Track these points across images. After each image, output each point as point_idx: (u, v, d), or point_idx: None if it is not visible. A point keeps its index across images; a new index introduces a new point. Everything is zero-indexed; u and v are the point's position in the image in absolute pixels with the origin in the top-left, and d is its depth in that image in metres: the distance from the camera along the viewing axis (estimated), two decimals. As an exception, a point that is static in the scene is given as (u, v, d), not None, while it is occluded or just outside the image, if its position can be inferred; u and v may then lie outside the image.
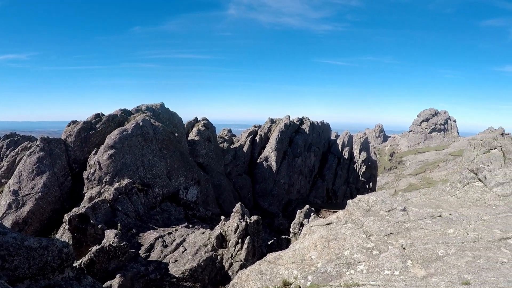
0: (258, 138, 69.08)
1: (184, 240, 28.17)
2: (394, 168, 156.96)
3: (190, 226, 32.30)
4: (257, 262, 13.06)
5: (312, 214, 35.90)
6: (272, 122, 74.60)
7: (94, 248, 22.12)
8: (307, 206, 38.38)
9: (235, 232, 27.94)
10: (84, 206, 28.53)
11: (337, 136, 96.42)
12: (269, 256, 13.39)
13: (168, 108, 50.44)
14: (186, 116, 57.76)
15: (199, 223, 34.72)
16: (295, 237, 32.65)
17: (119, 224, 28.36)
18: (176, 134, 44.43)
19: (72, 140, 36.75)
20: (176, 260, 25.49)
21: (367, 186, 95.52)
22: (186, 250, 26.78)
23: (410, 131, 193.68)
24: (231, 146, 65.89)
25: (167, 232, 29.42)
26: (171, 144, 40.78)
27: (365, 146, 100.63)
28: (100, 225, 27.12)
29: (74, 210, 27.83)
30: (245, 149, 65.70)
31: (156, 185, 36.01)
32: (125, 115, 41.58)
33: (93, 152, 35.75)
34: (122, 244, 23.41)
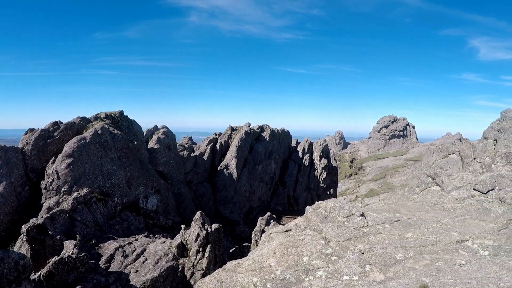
0: (218, 145, 68.98)
1: (144, 250, 27.93)
2: (354, 174, 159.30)
3: (151, 235, 32.01)
4: (216, 271, 13.06)
5: (272, 221, 36.09)
6: (233, 129, 74.67)
7: (53, 259, 21.64)
8: (268, 213, 38.56)
9: (196, 241, 27.90)
10: (42, 217, 27.87)
11: (297, 143, 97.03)
12: (228, 264, 13.41)
13: (127, 116, 49.87)
14: (146, 124, 57.31)
15: (159, 232, 34.45)
16: (256, 244, 32.73)
17: (78, 235, 27.85)
18: (135, 142, 43.97)
19: (30, 148, 35.86)
20: (137, 271, 25.24)
21: (328, 193, 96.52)
22: (147, 260, 26.56)
23: (370, 138, 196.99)
24: (192, 154, 65.58)
25: (127, 242, 29.05)
26: (131, 153, 40.34)
27: (325, 152, 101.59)
28: (59, 236, 26.55)
29: (32, 220, 27.18)
30: (205, 157, 65.51)
31: (116, 194, 35.54)
32: (83, 123, 40.87)
33: (51, 161, 34.98)
34: (82, 255, 23.01)
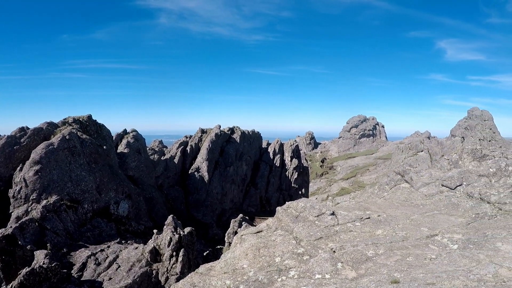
0: (189, 148, 68.67)
1: (117, 256, 27.57)
2: (325, 174, 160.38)
3: (123, 241, 31.63)
4: (189, 275, 12.94)
5: (244, 222, 36.11)
6: (203, 132, 74.43)
7: (24, 270, 21.18)
8: (241, 215, 38.57)
9: (168, 245, 27.70)
10: (11, 227, 27.20)
11: (268, 144, 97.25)
12: (201, 268, 13.30)
13: (96, 120, 49.04)
14: (115, 128, 56.46)
15: (132, 238, 34.07)
16: (229, 246, 32.64)
17: (48, 244, 27.32)
18: (104, 147, 43.31)
19: (-4, 156, 35.08)
20: (110, 278, 24.91)
21: (300, 192, 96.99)
22: (120, 267, 26.23)
23: (340, 137, 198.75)
24: (162, 158, 65.05)
25: (99, 249, 28.62)
26: (100, 158, 39.77)
27: (296, 153, 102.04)
28: (29, 246, 25.94)
29: (0, 231, 26.60)
30: (176, 160, 65.13)
31: (86, 200, 34.96)
32: (51, 128, 40.04)
33: (18, 168, 34.20)
34: (53, 264, 22.57)
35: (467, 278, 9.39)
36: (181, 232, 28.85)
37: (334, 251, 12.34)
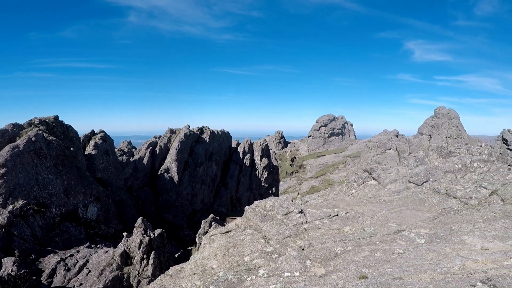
0: (158, 149, 68.07)
1: (87, 261, 27.12)
2: (295, 172, 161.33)
3: (93, 245, 31.11)
4: (159, 277, 12.87)
5: (213, 223, 36.07)
6: (172, 132, 73.90)
7: (-10, 278, 20.78)
8: (212, 215, 38.49)
9: (139, 248, 27.42)
10: (-24, 234, 26.67)
11: (238, 144, 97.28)
12: (171, 270, 13.23)
13: (63, 121, 48.03)
14: (82, 129, 55.41)
15: (101, 241, 33.56)
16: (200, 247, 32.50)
17: (16, 251, 26.64)
18: (72, 149, 42.54)
19: (-42, 160, 34.11)
20: (81, 284, 24.50)
21: (270, 191, 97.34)
22: (90, 272, 25.81)
23: (309, 136, 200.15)
24: (131, 159, 64.37)
25: (68, 254, 28.06)
26: (67, 160, 39.06)
27: (266, 152, 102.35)
28: (-5, 252, 25.47)
29: (-36, 238, 25.97)
30: (145, 161, 64.51)
31: (53, 204, 34.24)
32: (16, 129, 39.05)
33: (-18, 173, 33.42)
34: (22, 272, 22.06)
35: (434, 271, 9.60)
36: (151, 234, 28.60)
37: (303, 249, 12.47)
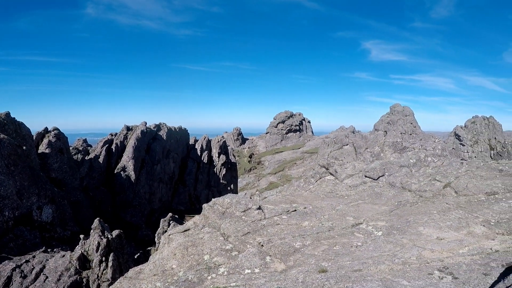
0: (114, 147, 66.74)
1: (44, 267, 26.25)
2: (254, 169, 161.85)
3: (49, 250, 30.17)
4: (118, 280, 12.67)
5: (172, 221, 35.79)
6: (128, 129, 72.68)
7: None
8: (170, 214, 38.19)
9: (97, 251, 26.83)
10: None
11: (195, 141, 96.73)
12: (130, 272, 13.04)
13: (14, 118, 46.36)
14: (35, 127, 53.54)
15: (58, 245, 32.59)
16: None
17: (-33, 258, 25.77)
18: (24, 148, 41.19)
19: None
20: (38, 290, 23.86)
21: (229, 188, 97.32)
22: (48, 278, 24.99)
23: (267, 133, 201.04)
24: (86, 158, 62.94)
25: (24, 260, 27.03)
26: (19, 159, 37.74)
27: (224, 149, 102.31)
28: None
29: None
30: (101, 159, 63.15)
31: (6, 207, 32.99)
32: (-36, 129, 37.71)
33: None
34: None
35: (393, 262, 9.82)
36: (109, 236, 28.06)
37: (262, 245, 12.54)
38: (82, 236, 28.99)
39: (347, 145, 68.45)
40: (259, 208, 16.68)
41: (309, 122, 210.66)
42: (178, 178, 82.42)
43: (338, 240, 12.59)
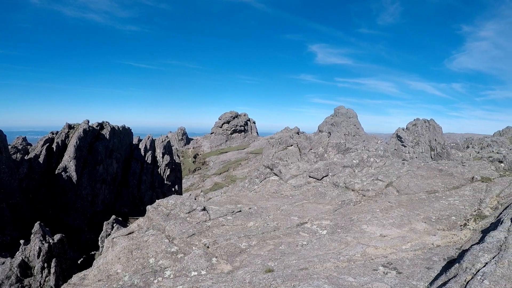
0: (55, 146, 64.13)
1: (-18, 275, 25.27)
2: (198, 169, 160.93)
3: (-13, 256, 29.09)
4: (62, 287, 12.39)
5: (115, 224, 35.19)
6: (70, 127, 70.21)
7: None
8: (114, 217, 37.50)
9: (38, 257, 25.95)
10: None
11: (139, 140, 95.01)
12: (74, 278, 12.73)
13: None
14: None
15: (-4, 251, 31.47)
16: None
17: None
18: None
19: None
20: (-23, 301, 22.86)
21: (173, 189, 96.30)
22: (-13, 287, 24.08)
23: (212, 133, 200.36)
24: (26, 157, 60.51)
25: (-39, 269, 26.02)
26: (-46, 162, 36.17)
27: (168, 149, 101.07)
28: None
29: None
30: (41, 159, 60.71)
31: None
32: None
33: None
34: None
35: (338, 260, 10.13)
36: (50, 240, 27.23)
37: (208, 247, 12.61)
38: (22, 241, 27.95)
39: (291, 145, 69.39)
40: (204, 209, 16.71)
41: (254, 122, 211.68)
42: (121, 179, 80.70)
43: (284, 240, 12.81)
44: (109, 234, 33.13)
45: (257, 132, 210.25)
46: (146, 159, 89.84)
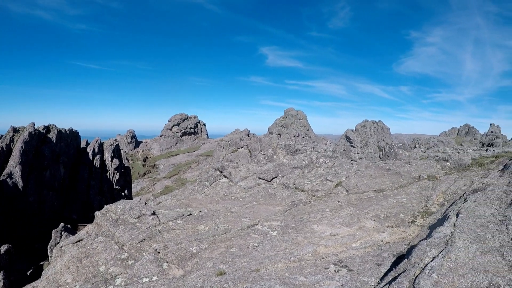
0: (-1, 150, 62.23)
1: None
2: (148, 173, 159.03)
3: None
4: (10, 301, 12.11)
5: (64, 232, 34.36)
6: (15, 131, 67.67)
7: None
8: (62, 224, 36.57)
9: (-16, 268, 25.13)
10: None
11: (87, 144, 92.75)
12: (22, 291, 12.53)
13: None
14: None
15: None
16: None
17: None
18: None
19: None
20: None
21: (123, 194, 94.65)
22: None
23: (162, 136, 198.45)
24: (-32, 164, 58.28)
25: None
26: None
27: (117, 153, 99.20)
28: None
29: None
30: (-16, 166, 58.73)
31: None
32: None
33: None
34: None
35: (289, 260, 10.33)
36: (-4, 251, 26.37)
37: (159, 252, 12.58)
38: (-35, 253, 26.91)
39: (242, 147, 69.58)
40: (154, 213, 16.63)
41: (204, 125, 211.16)
42: (69, 184, 78.64)
43: (235, 242, 12.94)
44: (57, 243, 32.28)
45: (207, 135, 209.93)
46: (94, 163, 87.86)
